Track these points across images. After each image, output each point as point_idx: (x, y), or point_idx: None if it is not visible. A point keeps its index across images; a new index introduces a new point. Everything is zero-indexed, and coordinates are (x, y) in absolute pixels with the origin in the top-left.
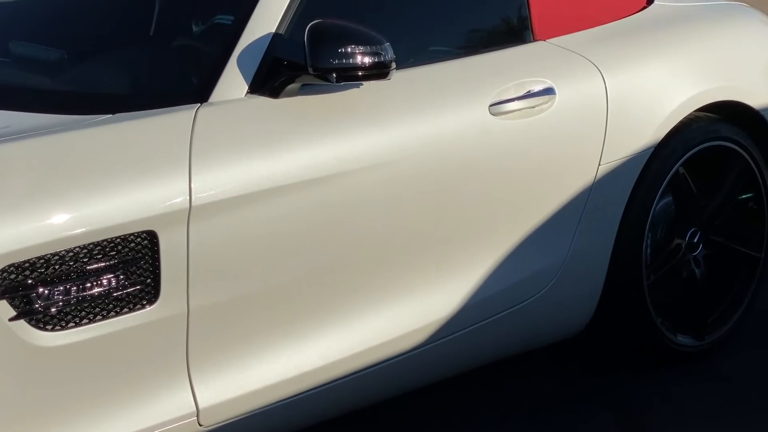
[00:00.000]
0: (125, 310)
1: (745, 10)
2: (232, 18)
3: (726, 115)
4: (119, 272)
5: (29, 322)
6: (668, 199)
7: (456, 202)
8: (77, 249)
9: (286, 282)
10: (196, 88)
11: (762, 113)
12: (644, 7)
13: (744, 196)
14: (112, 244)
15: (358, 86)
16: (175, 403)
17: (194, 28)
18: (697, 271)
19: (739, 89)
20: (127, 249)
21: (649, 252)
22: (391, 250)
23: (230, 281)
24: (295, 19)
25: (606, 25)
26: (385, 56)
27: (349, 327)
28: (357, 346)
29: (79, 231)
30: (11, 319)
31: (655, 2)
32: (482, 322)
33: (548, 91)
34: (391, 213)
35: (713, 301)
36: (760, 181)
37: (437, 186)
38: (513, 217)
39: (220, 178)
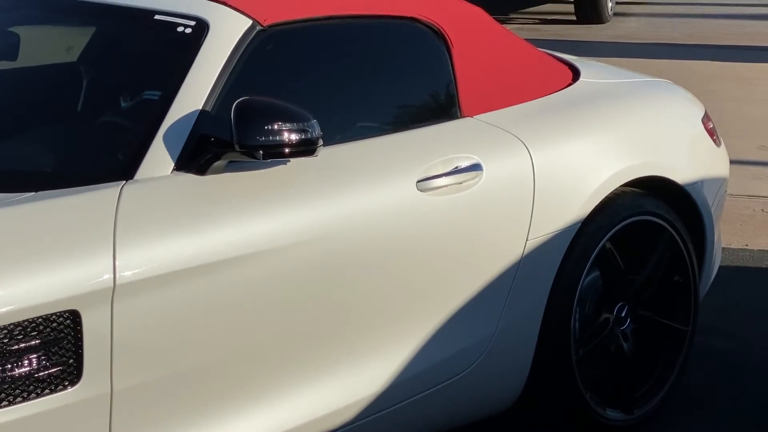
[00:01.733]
0: (46, 391)
1: (670, 87)
2: (158, 94)
3: (651, 190)
4: (40, 353)
5: None
6: (596, 273)
7: (383, 278)
8: None
9: (213, 361)
10: (122, 165)
11: (686, 188)
12: (570, 84)
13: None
14: (33, 324)
15: (285, 163)
16: None
17: (121, 105)
18: (625, 345)
19: (664, 165)
20: (49, 329)
21: (577, 326)
22: (319, 328)
23: (155, 361)
24: (222, 96)
25: (533, 101)
26: (312, 133)
27: (277, 405)
28: (285, 424)
29: None
30: None
31: (581, 79)
32: (412, 398)
33: (475, 167)
34: (318, 290)
35: (642, 375)
36: (686, 255)
37: (365, 262)
38: (441, 293)
39: (146, 256)
